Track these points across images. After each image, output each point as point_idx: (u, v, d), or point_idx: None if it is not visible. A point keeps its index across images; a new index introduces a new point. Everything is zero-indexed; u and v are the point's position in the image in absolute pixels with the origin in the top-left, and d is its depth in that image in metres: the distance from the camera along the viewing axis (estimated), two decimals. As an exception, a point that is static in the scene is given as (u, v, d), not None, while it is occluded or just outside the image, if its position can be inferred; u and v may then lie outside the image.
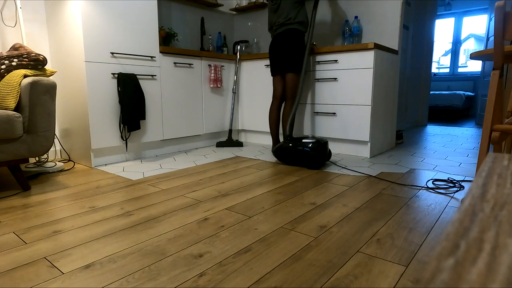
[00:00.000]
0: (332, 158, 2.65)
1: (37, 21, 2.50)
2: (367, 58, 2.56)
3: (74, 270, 1.01)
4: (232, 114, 3.31)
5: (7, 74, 1.83)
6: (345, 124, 2.75)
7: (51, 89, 1.82)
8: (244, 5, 3.80)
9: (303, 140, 2.43)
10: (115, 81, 2.41)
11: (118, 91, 2.42)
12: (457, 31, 7.17)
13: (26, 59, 1.86)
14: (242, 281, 0.95)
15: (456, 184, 1.91)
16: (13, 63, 1.84)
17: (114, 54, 2.39)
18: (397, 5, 2.87)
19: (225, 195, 1.74)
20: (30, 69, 1.87)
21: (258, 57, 3.24)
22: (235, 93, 3.36)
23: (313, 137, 2.41)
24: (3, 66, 1.83)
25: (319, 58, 2.84)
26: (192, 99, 3.01)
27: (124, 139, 2.51)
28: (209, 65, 3.11)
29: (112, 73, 2.38)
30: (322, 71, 2.83)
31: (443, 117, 6.70)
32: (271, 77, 3.18)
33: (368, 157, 2.69)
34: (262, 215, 1.45)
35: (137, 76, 2.54)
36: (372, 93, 2.58)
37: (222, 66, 3.24)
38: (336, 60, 2.73)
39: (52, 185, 1.92)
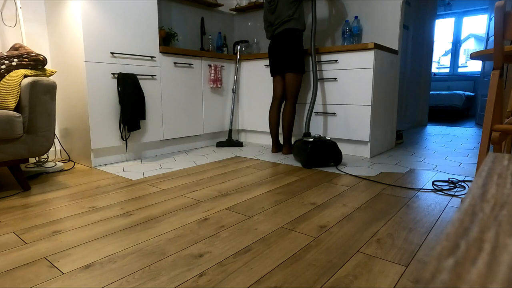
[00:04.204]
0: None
1: (37, 21, 2.50)
2: (367, 58, 2.56)
3: (74, 270, 1.01)
4: (232, 114, 3.31)
5: (7, 74, 1.83)
6: (345, 124, 2.75)
7: (51, 89, 1.82)
8: (244, 5, 3.80)
9: (304, 139, 2.44)
10: (115, 81, 2.41)
11: (118, 91, 2.42)
12: (457, 31, 7.17)
13: (26, 59, 1.86)
14: (242, 281, 0.95)
15: (457, 185, 1.91)
16: (13, 63, 1.84)
17: (114, 54, 2.39)
18: (397, 5, 2.87)
19: (225, 195, 1.74)
20: (30, 69, 1.87)
21: (258, 57, 3.24)
22: (235, 93, 3.36)
23: (319, 137, 2.41)
24: (3, 66, 1.83)
25: (319, 58, 2.84)
26: (192, 99, 3.01)
27: (124, 139, 2.51)
28: (209, 65, 3.11)
29: (112, 73, 2.38)
30: (322, 71, 2.84)
31: (443, 117, 6.70)
32: (271, 77, 3.18)
33: (368, 157, 2.69)
34: (262, 215, 1.45)
35: (137, 76, 2.54)
36: (372, 93, 2.58)
37: (222, 66, 3.24)
38: (336, 60, 2.73)
39: (52, 185, 1.92)
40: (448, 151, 2.98)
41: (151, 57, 2.63)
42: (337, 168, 2.33)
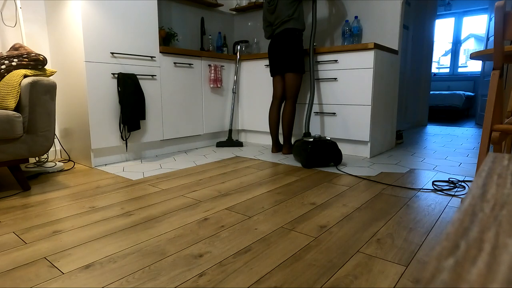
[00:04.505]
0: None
1: (37, 21, 2.50)
2: (367, 58, 2.56)
3: (74, 270, 1.01)
4: (232, 114, 3.31)
5: (7, 74, 1.83)
6: (345, 124, 2.75)
7: (51, 89, 1.82)
8: (244, 5, 3.80)
9: (304, 139, 2.44)
10: (115, 81, 2.41)
11: (118, 91, 2.42)
12: (457, 31, 7.17)
13: (26, 59, 1.86)
14: (242, 281, 0.95)
15: (457, 185, 1.91)
16: (13, 63, 1.84)
17: (114, 54, 2.39)
18: (397, 5, 2.87)
19: (225, 195, 1.74)
20: (30, 69, 1.87)
21: (258, 57, 3.24)
22: (235, 93, 3.36)
23: (319, 137, 2.42)
24: (3, 66, 1.83)
25: (319, 58, 2.84)
26: (192, 99, 3.01)
27: (124, 139, 2.51)
28: (209, 65, 3.11)
29: (112, 73, 2.38)
30: (322, 71, 2.84)
31: (443, 117, 6.70)
32: (271, 77, 3.18)
33: (368, 157, 2.69)
34: (262, 215, 1.45)
35: (137, 76, 2.54)
36: (372, 93, 2.58)
37: (222, 66, 3.24)
38: (336, 60, 2.73)
39: (52, 185, 1.92)
40: (448, 151, 2.98)
41: (151, 57, 2.63)
42: (337, 168, 2.33)
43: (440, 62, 7.59)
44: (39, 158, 2.35)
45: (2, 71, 1.83)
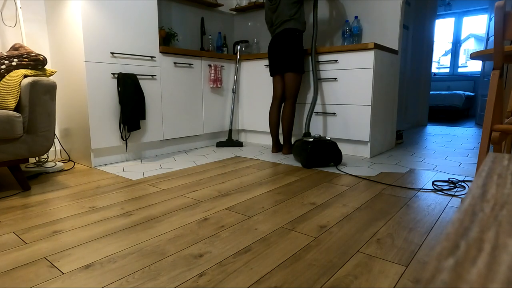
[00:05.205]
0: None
1: (37, 21, 2.50)
2: (367, 58, 2.56)
3: (74, 270, 1.01)
4: (232, 114, 3.31)
5: (7, 74, 1.83)
6: (345, 124, 2.75)
7: (51, 89, 1.82)
8: (244, 5, 3.80)
9: (304, 139, 2.44)
10: (115, 81, 2.41)
11: (118, 91, 2.42)
12: (457, 31, 7.17)
13: (26, 59, 1.86)
14: (242, 281, 0.95)
15: (457, 185, 1.91)
16: (13, 63, 1.84)
17: (114, 54, 2.39)
18: (397, 5, 2.87)
19: (225, 195, 1.74)
20: (30, 69, 1.86)
21: (258, 57, 3.24)
22: (235, 93, 3.36)
23: (319, 137, 2.42)
24: (3, 66, 1.83)
25: (319, 58, 2.84)
26: (192, 99, 3.01)
27: (124, 139, 2.51)
28: (209, 65, 3.11)
29: (112, 73, 2.38)
30: (322, 71, 2.84)
31: (443, 117, 6.70)
32: (271, 77, 3.18)
33: (368, 157, 2.69)
34: (262, 215, 1.45)
35: (137, 76, 2.54)
36: (372, 93, 2.58)
37: (222, 66, 3.24)
38: (336, 60, 2.73)
39: (52, 185, 1.92)
40: (448, 151, 2.98)
41: (151, 57, 2.63)
42: (337, 168, 2.33)
43: (440, 62, 7.58)
44: (39, 158, 2.35)
45: (2, 71, 1.83)
